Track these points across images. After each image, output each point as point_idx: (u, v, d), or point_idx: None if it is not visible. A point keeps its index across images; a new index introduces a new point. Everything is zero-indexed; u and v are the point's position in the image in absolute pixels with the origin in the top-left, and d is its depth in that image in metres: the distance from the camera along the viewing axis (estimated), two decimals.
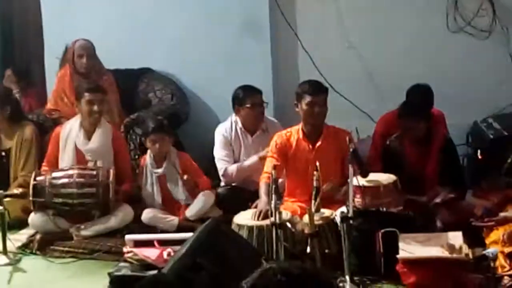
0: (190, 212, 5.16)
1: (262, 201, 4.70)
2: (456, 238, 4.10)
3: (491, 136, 5.66)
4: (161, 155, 5.27)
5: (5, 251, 4.83)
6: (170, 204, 5.28)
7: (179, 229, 4.98)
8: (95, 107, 5.29)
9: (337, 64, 6.24)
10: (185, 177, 5.16)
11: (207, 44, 6.38)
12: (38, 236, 5.05)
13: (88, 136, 5.36)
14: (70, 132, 5.37)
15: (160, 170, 5.26)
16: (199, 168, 5.38)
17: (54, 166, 5.32)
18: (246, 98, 5.44)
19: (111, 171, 5.13)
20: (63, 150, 5.35)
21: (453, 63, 6.16)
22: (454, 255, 3.93)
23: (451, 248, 3.95)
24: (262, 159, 5.17)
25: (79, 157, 5.32)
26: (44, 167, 5.37)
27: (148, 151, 5.32)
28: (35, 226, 5.11)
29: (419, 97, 5.36)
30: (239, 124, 5.52)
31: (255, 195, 4.91)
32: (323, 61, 6.22)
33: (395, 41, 6.24)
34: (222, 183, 5.51)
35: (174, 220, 5.14)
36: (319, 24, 6.37)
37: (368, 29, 6.29)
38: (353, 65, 6.26)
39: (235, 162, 5.50)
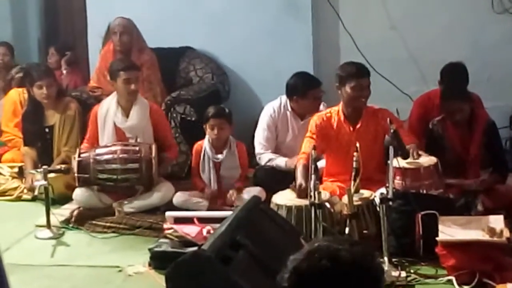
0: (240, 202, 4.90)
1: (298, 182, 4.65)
2: (497, 221, 4.07)
3: None
4: (220, 141, 5.17)
5: (49, 225, 4.92)
6: (218, 189, 5.21)
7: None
8: (133, 86, 5.24)
9: (379, 44, 6.18)
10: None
11: (248, 24, 6.37)
12: (76, 210, 5.13)
13: (126, 113, 5.34)
14: (108, 111, 5.35)
15: (220, 156, 5.16)
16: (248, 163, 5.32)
17: (95, 145, 5.34)
18: (307, 91, 5.32)
19: (153, 147, 5.16)
20: (102, 129, 5.35)
21: (497, 45, 6.06)
22: (495, 239, 3.89)
23: (491, 231, 3.92)
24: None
25: (119, 135, 5.33)
26: (85, 146, 5.35)
27: (206, 136, 5.20)
28: (79, 201, 5.20)
29: (460, 78, 5.28)
30: (289, 107, 5.45)
31: (293, 175, 4.79)
32: (364, 42, 6.17)
33: (437, 22, 6.16)
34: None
35: (204, 204, 5.08)
36: (360, 4, 6.32)
37: (410, 10, 6.21)
38: (394, 46, 6.20)
39: (279, 144, 5.46)
